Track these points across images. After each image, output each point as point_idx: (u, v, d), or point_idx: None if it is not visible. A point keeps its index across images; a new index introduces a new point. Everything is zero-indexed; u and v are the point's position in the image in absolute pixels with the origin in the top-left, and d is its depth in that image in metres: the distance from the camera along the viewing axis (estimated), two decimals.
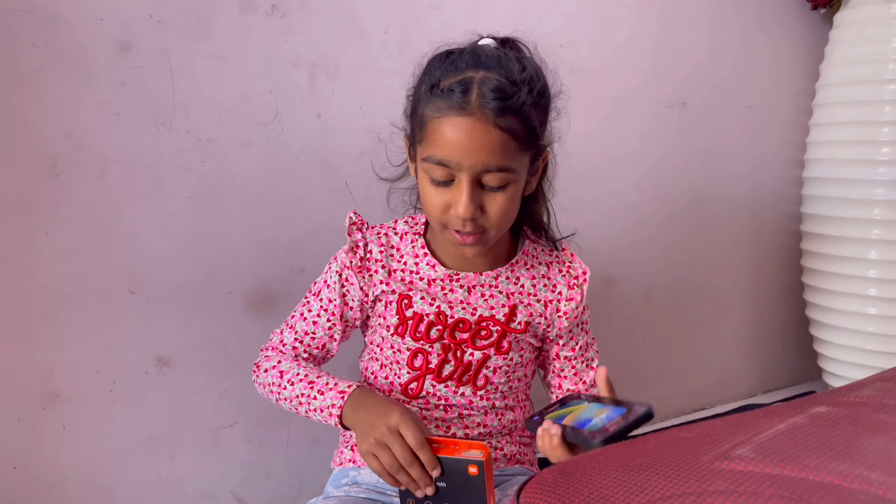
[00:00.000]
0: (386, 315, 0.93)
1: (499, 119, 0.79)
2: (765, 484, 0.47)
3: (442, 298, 0.92)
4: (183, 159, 1.12)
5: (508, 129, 0.80)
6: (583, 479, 0.54)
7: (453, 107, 0.79)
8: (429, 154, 0.82)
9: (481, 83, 0.79)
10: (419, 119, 0.84)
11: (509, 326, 0.93)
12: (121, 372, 1.12)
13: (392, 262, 0.94)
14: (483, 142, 0.79)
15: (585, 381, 1.01)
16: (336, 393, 0.86)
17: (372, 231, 0.96)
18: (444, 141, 0.80)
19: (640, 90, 1.54)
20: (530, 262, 0.97)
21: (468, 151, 0.79)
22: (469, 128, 0.79)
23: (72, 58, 1.03)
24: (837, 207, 1.58)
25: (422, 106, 0.83)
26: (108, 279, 1.09)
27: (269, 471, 1.26)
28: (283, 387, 0.91)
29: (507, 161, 0.81)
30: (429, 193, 0.84)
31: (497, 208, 0.84)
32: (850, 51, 1.56)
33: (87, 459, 1.12)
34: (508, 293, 0.94)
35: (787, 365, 1.92)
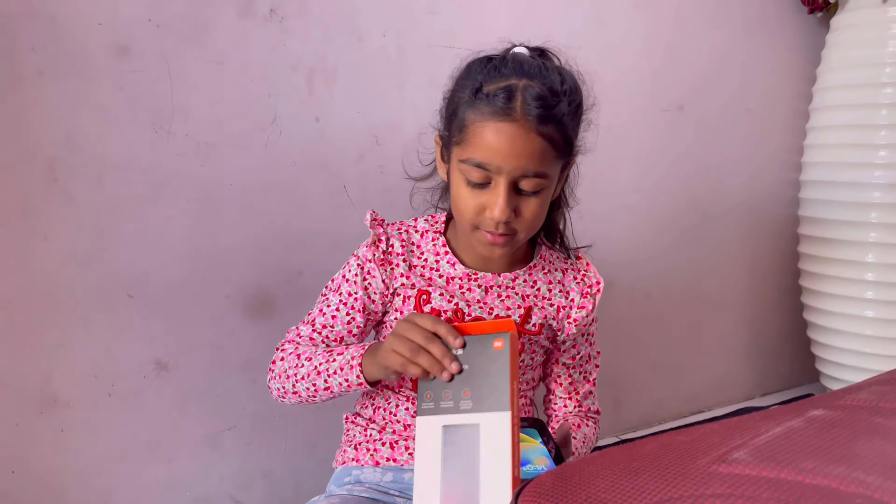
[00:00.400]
0: (403, 310, 0.93)
1: (541, 127, 0.81)
2: (762, 487, 0.47)
3: (460, 296, 0.93)
4: (181, 163, 1.12)
5: (548, 136, 0.82)
6: (580, 483, 0.54)
7: (497, 112, 0.81)
8: (469, 156, 0.83)
9: (525, 90, 0.81)
10: (459, 122, 0.85)
11: (524, 328, 0.94)
12: (119, 376, 1.12)
13: (413, 257, 0.95)
14: (524, 148, 0.81)
15: (578, 392, 1.01)
16: (356, 347, 0.87)
17: (392, 227, 0.96)
18: (486, 145, 0.81)
19: (638, 94, 1.55)
20: (547, 266, 0.98)
21: (509, 156, 0.81)
22: (512, 133, 0.80)
23: (70, 62, 1.03)
24: (834, 210, 1.58)
25: (463, 109, 0.84)
26: (106, 283, 1.09)
27: (267, 474, 1.26)
28: (300, 365, 0.90)
29: (544, 167, 0.83)
30: (463, 195, 0.85)
31: (530, 212, 0.85)
32: (846, 54, 1.57)
33: (85, 463, 1.12)
34: (524, 295, 0.95)
35: (784, 368, 1.92)
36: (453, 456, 0.72)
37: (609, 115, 1.51)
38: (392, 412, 0.95)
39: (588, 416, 1.03)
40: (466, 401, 0.73)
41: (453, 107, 0.87)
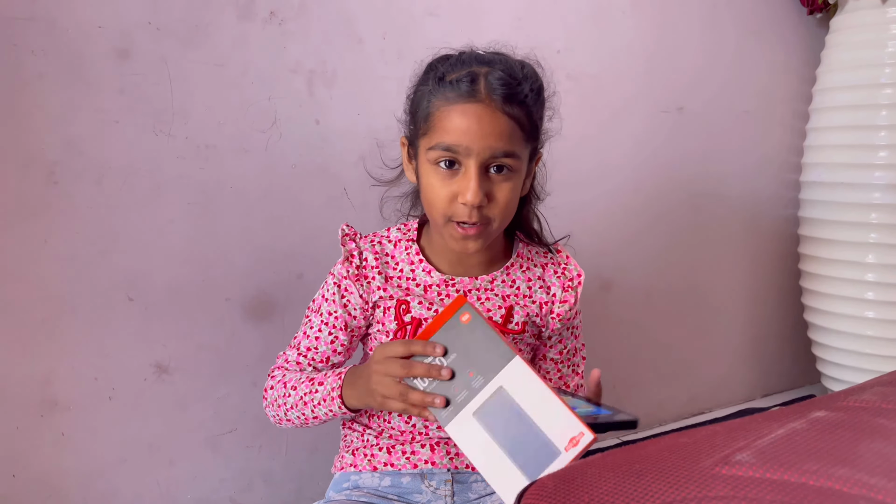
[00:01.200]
0: (384, 321, 0.93)
1: (506, 106, 0.82)
2: (765, 489, 0.47)
3: (439, 303, 0.92)
4: (181, 166, 1.12)
5: (515, 116, 0.83)
6: (583, 486, 0.54)
7: (461, 95, 0.82)
8: (437, 142, 0.83)
9: (487, 75, 0.83)
10: (423, 112, 0.86)
11: (507, 328, 0.93)
12: (119, 379, 1.12)
13: (388, 269, 0.94)
14: (492, 126, 0.82)
15: (568, 385, 1.01)
16: (334, 377, 0.87)
17: (365, 240, 0.96)
18: (453, 127, 0.82)
19: (637, 95, 1.55)
20: (525, 264, 0.97)
21: (477, 136, 0.81)
22: (479, 113, 0.82)
23: (71, 65, 1.03)
24: (834, 211, 1.58)
25: (426, 100, 0.86)
26: (106, 286, 1.09)
27: (267, 477, 1.26)
28: (287, 395, 0.91)
29: (513, 146, 0.84)
30: (433, 185, 0.85)
31: (503, 197, 0.85)
32: (846, 55, 1.57)
33: (85, 466, 1.11)
34: (504, 295, 0.94)
35: (785, 369, 1.92)
36: (502, 428, 0.71)
37: (608, 116, 1.52)
38: (386, 419, 0.95)
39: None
40: (476, 378, 0.74)
41: (416, 101, 0.88)
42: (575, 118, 1.47)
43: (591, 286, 1.55)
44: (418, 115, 0.87)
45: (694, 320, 1.73)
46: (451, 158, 0.83)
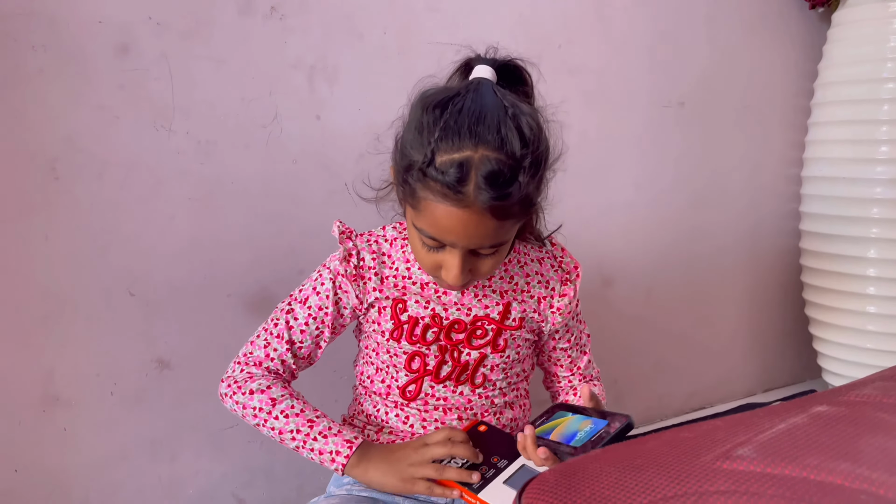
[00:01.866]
0: (381, 321, 0.93)
1: (495, 210, 0.76)
2: (766, 484, 0.47)
3: (436, 301, 0.92)
4: (182, 161, 1.12)
5: (503, 215, 0.78)
6: (584, 480, 0.54)
7: (448, 195, 0.75)
8: (422, 227, 0.81)
9: (479, 167, 0.74)
10: (410, 189, 0.79)
11: (504, 324, 0.94)
12: (121, 374, 1.12)
13: (384, 268, 0.93)
14: (477, 230, 0.78)
15: (579, 367, 1.03)
16: (342, 441, 0.86)
17: (361, 238, 0.95)
18: (439, 224, 0.78)
19: (638, 90, 1.54)
20: (522, 259, 0.97)
21: (462, 236, 0.79)
22: (465, 218, 0.77)
23: (71, 61, 1.03)
24: (836, 206, 1.58)
25: (413, 177, 0.78)
26: (107, 282, 1.09)
27: (269, 473, 1.26)
28: (274, 416, 0.88)
29: (500, 238, 0.82)
30: (419, 251, 0.85)
31: (488, 268, 0.86)
32: (848, 50, 1.56)
33: (87, 462, 1.12)
34: (502, 291, 0.94)
35: (786, 363, 1.92)
36: None
37: (610, 111, 1.52)
38: (383, 419, 0.96)
39: (592, 381, 1.06)
40: (501, 461, 0.85)
41: (405, 161, 0.79)
42: (576, 113, 1.47)
43: (592, 282, 1.55)
44: (406, 182, 0.80)
45: (695, 315, 1.73)
46: (437, 243, 0.82)
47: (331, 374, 1.20)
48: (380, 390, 0.95)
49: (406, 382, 0.93)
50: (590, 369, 1.05)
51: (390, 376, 0.94)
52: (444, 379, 0.93)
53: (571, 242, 1.03)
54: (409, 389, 0.93)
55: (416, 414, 0.94)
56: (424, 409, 0.94)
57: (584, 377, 1.04)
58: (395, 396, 0.94)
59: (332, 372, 1.20)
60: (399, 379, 0.94)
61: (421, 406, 0.94)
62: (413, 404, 0.94)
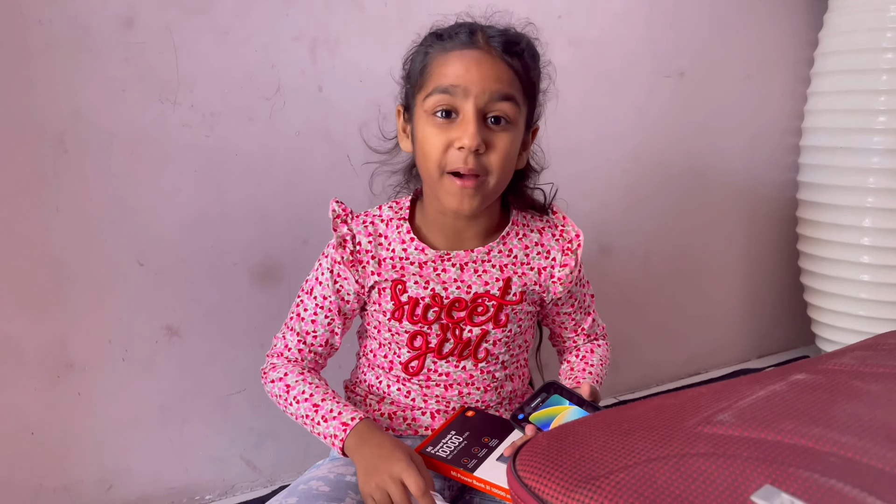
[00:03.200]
0: (381, 301, 0.94)
1: (505, 55, 0.84)
2: (742, 447, 0.50)
3: (436, 280, 0.92)
4: (187, 134, 1.14)
5: (513, 65, 0.85)
6: (574, 443, 0.57)
7: (459, 44, 0.84)
8: (434, 86, 0.84)
9: (484, 29, 0.86)
10: (419, 68, 0.87)
11: (504, 300, 0.94)
12: (132, 341, 1.16)
13: (381, 250, 0.94)
14: (491, 69, 0.83)
15: (584, 328, 1.06)
16: (339, 424, 0.87)
17: (357, 220, 0.95)
18: (451, 71, 0.83)
19: (638, 60, 1.55)
20: (521, 231, 0.97)
21: (476, 77, 0.82)
22: (478, 57, 0.83)
23: (77, 35, 1.04)
24: (833, 176, 1.59)
25: (422, 56, 0.88)
26: (117, 252, 1.12)
27: (276, 436, 1.31)
28: (289, 402, 0.93)
29: (511, 90, 0.85)
30: (429, 135, 0.85)
31: (502, 146, 0.84)
32: (848, 19, 1.56)
33: (101, 426, 1.16)
34: (502, 266, 0.94)
35: (781, 330, 1.95)
36: None
37: (609, 81, 1.52)
38: (385, 391, 0.97)
39: (597, 339, 1.08)
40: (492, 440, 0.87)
41: (412, 63, 0.90)
42: (576, 83, 1.48)
43: (590, 250, 1.57)
44: (413, 73, 0.89)
45: (692, 283, 1.76)
46: (448, 104, 0.83)
47: None
48: (383, 364, 0.97)
49: (409, 359, 0.95)
50: (594, 328, 1.07)
51: (393, 352, 0.96)
52: (446, 355, 0.94)
53: (571, 211, 1.05)
54: (412, 365, 0.95)
55: (418, 389, 0.95)
56: (426, 385, 0.95)
57: (588, 336, 1.07)
58: (398, 371, 0.95)
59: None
60: (401, 355, 0.95)
61: (423, 381, 0.95)
62: (415, 379, 0.95)
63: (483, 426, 0.90)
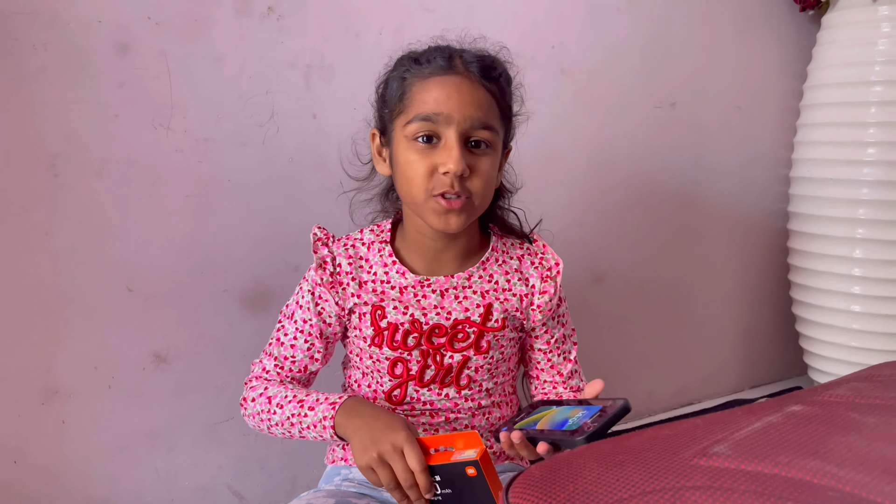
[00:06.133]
0: (361, 327, 0.93)
1: (483, 80, 0.85)
2: (739, 480, 0.49)
3: (415, 305, 0.92)
4: (180, 159, 1.14)
5: (491, 90, 0.86)
6: (568, 475, 0.56)
7: (438, 69, 0.84)
8: (415, 113, 0.84)
9: (461, 54, 0.87)
10: (397, 93, 0.87)
11: (486, 326, 0.93)
12: (119, 368, 1.14)
13: (362, 273, 0.93)
14: (472, 96, 0.84)
15: (562, 374, 1.00)
16: (327, 405, 0.86)
17: (338, 243, 0.95)
18: (432, 98, 0.83)
19: (630, 90, 1.57)
20: (501, 257, 0.97)
21: (458, 105, 0.83)
22: (458, 83, 0.84)
23: (71, 59, 1.04)
24: (823, 207, 1.60)
25: (399, 81, 0.87)
26: (106, 277, 1.11)
27: (264, 465, 1.29)
28: (272, 412, 0.90)
29: (491, 119, 0.86)
30: (412, 161, 0.84)
31: (483, 171, 0.85)
32: (837, 52, 1.59)
33: (86, 453, 1.14)
34: (483, 292, 0.94)
35: (773, 361, 1.95)
36: None
37: (602, 111, 1.54)
38: None
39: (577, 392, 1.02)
40: None
41: (388, 89, 0.89)
42: (569, 113, 1.49)
43: (583, 279, 1.57)
44: (391, 98, 0.88)
45: (684, 313, 1.76)
46: (430, 131, 0.83)
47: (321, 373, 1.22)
48: (367, 394, 0.96)
49: (391, 388, 0.94)
50: (575, 380, 1.01)
51: (375, 381, 0.95)
52: (427, 383, 0.93)
53: (564, 240, 1.05)
54: (395, 394, 0.94)
55: (404, 417, 0.95)
56: (412, 413, 0.94)
57: (566, 386, 1.00)
58: (382, 401, 0.95)
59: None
60: (384, 384, 0.94)
61: (408, 410, 0.94)
62: (399, 409, 0.94)
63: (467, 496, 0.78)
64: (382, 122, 0.91)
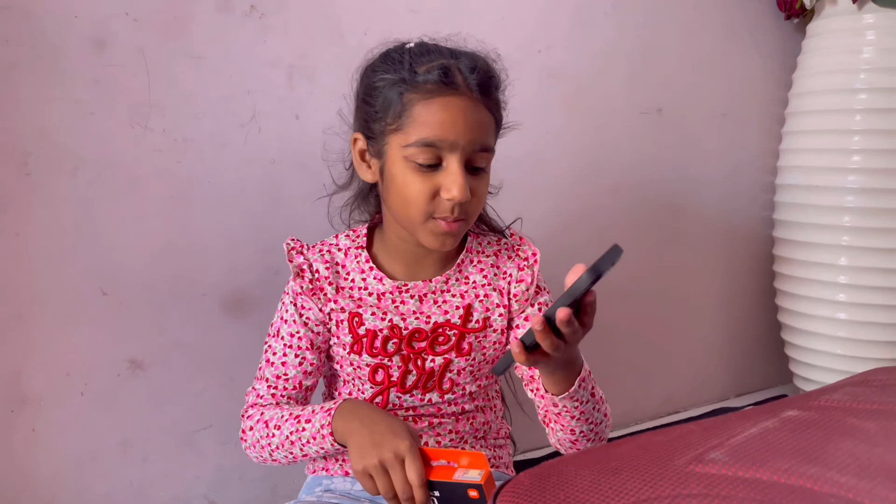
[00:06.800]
0: (339, 334, 0.91)
1: (484, 98, 0.82)
2: (738, 487, 0.47)
3: (393, 311, 0.90)
4: (158, 159, 1.11)
5: (491, 108, 0.83)
6: (559, 483, 0.54)
7: (440, 87, 0.80)
8: (418, 137, 0.80)
9: (460, 65, 0.81)
10: (395, 107, 0.81)
11: (466, 327, 0.92)
12: (92, 374, 1.11)
13: (339, 279, 0.91)
14: (476, 119, 0.81)
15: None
16: (323, 413, 0.82)
17: (314, 250, 0.93)
18: (436, 122, 0.79)
19: (617, 96, 1.56)
20: (477, 257, 0.95)
21: (464, 130, 0.80)
22: (463, 106, 0.80)
23: (45, 55, 1.01)
24: (809, 214, 1.60)
25: (395, 93, 0.81)
26: (79, 280, 1.08)
27: (243, 475, 1.25)
28: (271, 435, 0.87)
29: (490, 141, 0.84)
30: (412, 182, 0.81)
31: (481, 193, 0.84)
32: (822, 60, 1.59)
33: (56, 463, 1.10)
34: (462, 294, 0.92)
35: (759, 369, 1.94)
36: None
37: (589, 116, 1.53)
38: None
39: None
40: None
41: (381, 94, 0.83)
42: (555, 118, 1.48)
43: None
44: (385, 110, 0.82)
45: (670, 320, 1.75)
46: (433, 156, 0.80)
47: None
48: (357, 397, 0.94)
49: (372, 395, 0.92)
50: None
51: (357, 388, 0.93)
52: (409, 389, 0.91)
53: (549, 245, 1.03)
54: (377, 401, 0.92)
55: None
56: None
57: None
58: None
59: None
60: (365, 391, 0.92)
61: None
62: None
63: None
64: (370, 131, 0.86)
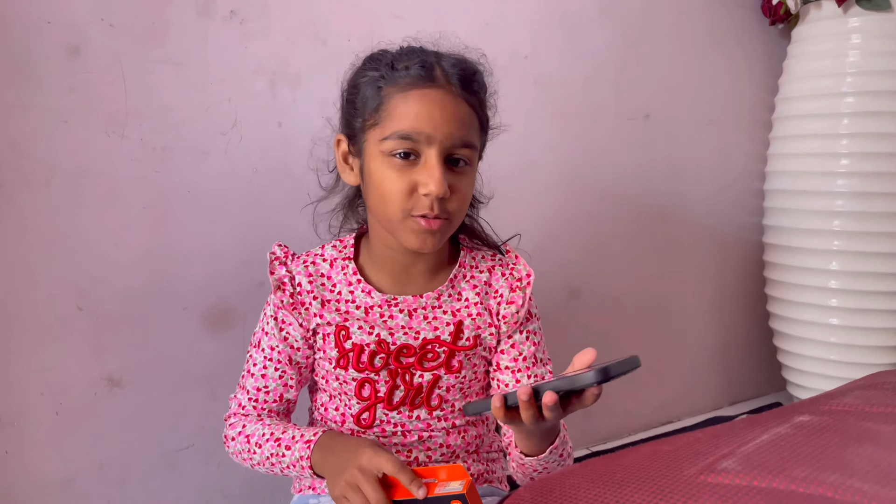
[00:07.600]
0: (325, 348, 0.88)
1: (465, 92, 0.80)
2: (755, 498, 0.44)
3: (381, 325, 0.87)
4: (136, 169, 1.07)
5: (472, 104, 0.81)
6: (562, 497, 0.51)
7: (419, 80, 0.78)
8: (393, 130, 0.78)
9: (440, 61, 0.80)
10: (372, 102, 0.80)
11: (456, 345, 0.88)
12: (67, 393, 1.06)
13: (324, 291, 0.88)
14: (454, 113, 0.78)
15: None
16: (302, 444, 0.81)
17: (298, 261, 0.90)
18: (412, 113, 0.77)
19: (604, 102, 1.54)
20: (470, 272, 0.91)
21: (440, 123, 0.77)
22: (440, 98, 0.78)
23: (17, 62, 0.98)
24: (798, 219, 1.59)
25: (373, 89, 0.80)
26: (54, 295, 1.04)
27: (227, 495, 1.21)
28: (252, 451, 0.86)
29: (471, 137, 0.81)
30: (389, 178, 0.79)
31: (463, 191, 0.81)
32: (807, 65, 1.58)
33: (31, 486, 1.05)
34: (453, 311, 0.89)
35: (751, 376, 1.92)
36: None
37: (575, 122, 1.51)
38: None
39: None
40: None
41: (360, 92, 0.82)
42: (542, 124, 1.46)
43: (558, 294, 1.53)
44: (364, 106, 0.81)
45: (661, 328, 1.72)
46: (409, 148, 0.77)
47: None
48: (335, 418, 0.91)
49: (359, 410, 0.88)
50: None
51: (343, 404, 0.90)
52: (397, 405, 0.88)
53: (538, 254, 1.01)
54: (364, 417, 0.88)
55: (373, 439, 0.88)
56: (382, 435, 0.89)
57: None
58: (351, 424, 0.89)
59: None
60: (352, 407, 0.89)
61: (378, 433, 0.89)
62: (370, 432, 0.89)
63: None
64: (351, 129, 0.84)
